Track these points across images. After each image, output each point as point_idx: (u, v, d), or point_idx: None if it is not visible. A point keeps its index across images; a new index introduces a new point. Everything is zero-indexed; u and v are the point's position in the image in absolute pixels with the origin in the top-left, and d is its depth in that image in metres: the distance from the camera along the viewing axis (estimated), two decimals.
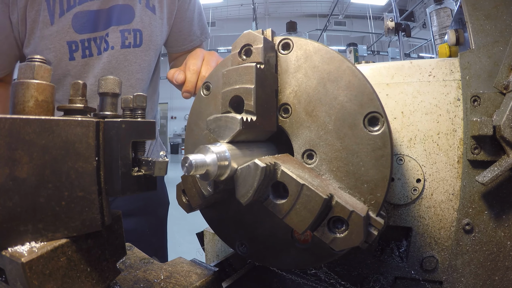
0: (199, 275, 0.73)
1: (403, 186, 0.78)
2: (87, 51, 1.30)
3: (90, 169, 0.48)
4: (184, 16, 1.56)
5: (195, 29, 1.62)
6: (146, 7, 1.39)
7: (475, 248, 0.77)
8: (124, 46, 1.34)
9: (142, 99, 0.58)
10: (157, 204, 1.69)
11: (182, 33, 1.59)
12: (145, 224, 1.57)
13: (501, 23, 0.81)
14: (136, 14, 1.36)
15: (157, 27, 1.45)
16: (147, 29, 1.40)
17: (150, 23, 1.40)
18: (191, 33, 1.61)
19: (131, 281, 0.70)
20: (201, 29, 1.65)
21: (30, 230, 0.44)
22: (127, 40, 1.35)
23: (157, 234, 1.66)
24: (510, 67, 0.75)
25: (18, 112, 0.48)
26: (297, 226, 0.49)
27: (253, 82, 0.53)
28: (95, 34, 1.30)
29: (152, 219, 1.64)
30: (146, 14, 1.39)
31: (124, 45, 1.33)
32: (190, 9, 1.57)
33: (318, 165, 0.56)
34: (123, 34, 1.33)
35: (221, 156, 0.48)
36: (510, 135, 0.69)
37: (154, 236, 1.62)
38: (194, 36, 1.63)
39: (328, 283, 0.77)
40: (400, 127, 0.79)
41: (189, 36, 1.61)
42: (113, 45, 1.31)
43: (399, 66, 0.80)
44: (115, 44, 1.31)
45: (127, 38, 1.35)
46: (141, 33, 1.38)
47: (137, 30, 1.37)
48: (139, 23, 1.37)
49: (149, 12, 1.40)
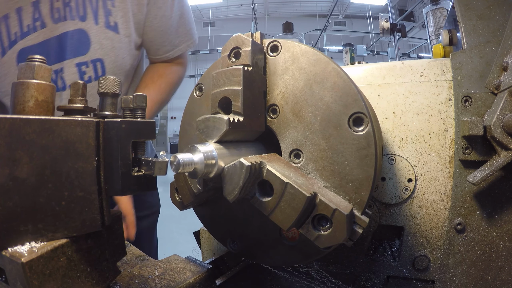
0: (193, 272, 0.75)
1: (395, 185, 0.79)
2: None
3: (90, 169, 0.48)
4: (154, 25, 1.31)
5: (172, 38, 1.37)
6: (106, 27, 1.16)
7: (467, 248, 0.77)
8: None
9: (142, 99, 0.58)
10: (146, 209, 1.56)
11: (154, 43, 1.36)
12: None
13: (494, 23, 0.81)
14: (93, 40, 1.13)
15: (123, 49, 1.22)
16: (109, 55, 1.17)
17: (112, 47, 1.17)
18: (166, 43, 1.37)
19: (127, 277, 0.72)
20: (180, 37, 1.40)
21: (30, 230, 0.44)
22: (86, 75, 1.15)
23: (146, 240, 1.56)
24: (501, 67, 0.75)
25: (18, 112, 0.48)
26: (282, 223, 0.50)
27: (240, 84, 0.54)
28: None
29: (141, 224, 1.46)
30: (107, 37, 1.16)
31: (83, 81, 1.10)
32: (166, 16, 1.31)
33: (304, 164, 0.57)
34: (79, 69, 1.13)
35: (208, 155, 0.50)
36: (500, 135, 0.69)
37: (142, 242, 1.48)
38: (170, 46, 1.39)
39: (320, 281, 0.78)
40: (392, 127, 0.80)
41: (163, 47, 1.38)
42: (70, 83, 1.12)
43: (391, 67, 0.81)
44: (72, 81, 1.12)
45: (85, 72, 1.14)
46: (102, 63, 1.16)
47: (96, 61, 1.15)
48: (98, 51, 1.15)
49: (110, 33, 1.16)
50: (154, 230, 1.67)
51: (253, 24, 11.72)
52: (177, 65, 1.48)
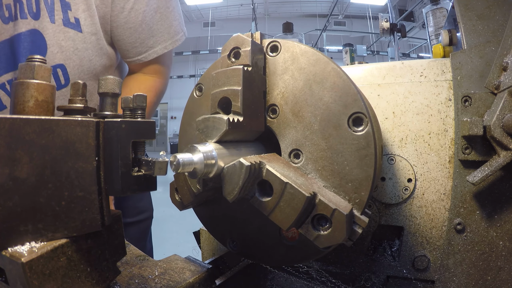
0: (192, 272, 0.75)
1: (394, 185, 0.79)
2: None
3: (90, 169, 0.48)
4: (120, 20, 1.07)
5: (144, 37, 1.12)
6: (65, 25, 0.96)
7: (467, 248, 0.77)
8: None
9: (142, 99, 0.58)
10: (136, 215, 1.43)
11: (123, 43, 1.12)
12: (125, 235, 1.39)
13: (494, 23, 0.81)
14: (49, 43, 0.95)
15: (89, 49, 1.03)
16: (71, 59, 0.99)
17: (75, 48, 0.99)
18: (137, 43, 1.13)
19: (127, 277, 0.72)
20: (156, 36, 1.15)
21: (30, 230, 0.44)
22: None
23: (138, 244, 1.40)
24: (501, 67, 0.75)
25: (18, 112, 0.48)
26: (282, 223, 0.50)
27: (240, 84, 0.54)
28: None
29: (131, 232, 1.41)
30: (66, 37, 0.97)
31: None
32: (135, 9, 1.06)
33: (304, 164, 0.57)
34: None
35: (207, 155, 0.50)
36: (500, 135, 0.69)
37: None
38: (142, 47, 1.14)
39: (320, 281, 0.78)
40: (392, 127, 0.80)
41: (133, 48, 1.14)
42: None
43: (390, 67, 0.81)
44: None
45: None
46: (64, 68, 0.98)
47: (56, 66, 0.97)
48: (57, 55, 0.97)
49: (70, 32, 0.98)
50: (146, 236, 1.53)
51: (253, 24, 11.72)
52: (154, 75, 1.25)
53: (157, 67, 1.23)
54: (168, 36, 1.17)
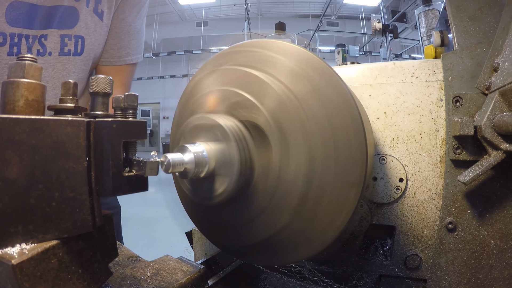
0: (185, 272, 0.74)
1: (386, 185, 0.80)
2: (15, 48, 1.10)
3: (81, 170, 0.47)
4: (112, 24, 1.34)
5: (122, 45, 1.39)
6: (94, 12, 1.24)
7: (458, 247, 0.78)
8: (63, 53, 1.19)
9: (133, 98, 0.57)
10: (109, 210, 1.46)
11: (106, 42, 1.36)
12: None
13: (485, 24, 0.82)
14: (81, 19, 1.20)
15: (101, 36, 1.30)
16: (90, 36, 1.24)
17: (95, 31, 1.25)
18: (115, 46, 1.38)
19: (119, 278, 0.71)
20: (129, 49, 1.41)
21: (20, 232, 0.43)
22: (67, 47, 1.20)
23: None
24: (492, 68, 0.76)
25: (8, 111, 0.47)
26: None
27: None
28: (28, 32, 1.11)
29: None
30: (93, 20, 1.24)
31: (63, 52, 1.19)
32: (125, 21, 1.35)
33: None
34: (63, 40, 1.19)
35: (198, 155, 0.49)
36: (490, 135, 0.70)
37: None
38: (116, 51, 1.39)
39: (312, 280, 0.78)
40: (383, 127, 0.80)
41: (110, 49, 1.38)
42: (51, 50, 1.16)
43: (382, 67, 0.81)
44: (53, 50, 1.17)
45: (66, 44, 1.20)
46: (83, 41, 1.23)
47: (79, 37, 1.21)
48: (83, 29, 1.21)
49: (96, 18, 1.24)
50: (118, 232, 1.56)
51: (246, 24, 11.70)
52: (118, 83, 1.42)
53: (119, 79, 1.43)
54: (137, 51, 1.45)
